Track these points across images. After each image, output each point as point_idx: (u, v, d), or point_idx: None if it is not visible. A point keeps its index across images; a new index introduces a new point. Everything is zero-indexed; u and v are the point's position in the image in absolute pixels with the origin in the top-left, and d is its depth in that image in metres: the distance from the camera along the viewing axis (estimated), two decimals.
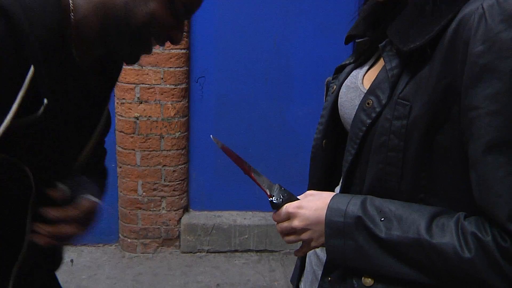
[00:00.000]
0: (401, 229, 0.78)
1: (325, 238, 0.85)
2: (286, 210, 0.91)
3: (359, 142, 0.86)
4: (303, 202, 0.90)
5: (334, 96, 1.01)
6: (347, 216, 0.83)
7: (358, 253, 0.82)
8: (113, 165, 3.00)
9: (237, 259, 3.04)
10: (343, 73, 1.03)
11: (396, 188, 0.83)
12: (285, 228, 0.92)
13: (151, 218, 3.00)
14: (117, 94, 2.82)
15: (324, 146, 1.05)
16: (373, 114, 0.84)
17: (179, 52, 2.76)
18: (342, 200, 0.85)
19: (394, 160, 0.81)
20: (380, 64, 0.92)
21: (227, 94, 2.94)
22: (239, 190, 3.06)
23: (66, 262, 2.92)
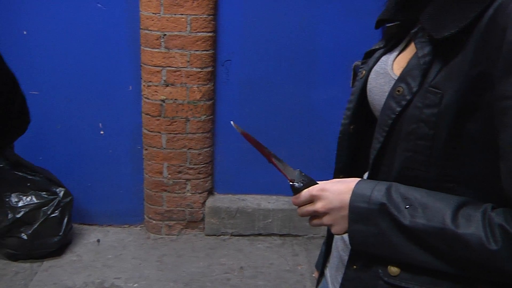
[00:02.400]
0: (426, 218, 0.77)
1: (348, 223, 0.85)
2: (309, 193, 0.90)
3: (388, 130, 0.85)
4: (327, 185, 0.90)
5: (363, 82, 1.00)
6: (371, 202, 0.82)
7: (380, 239, 0.81)
8: (139, 147, 3.03)
9: (260, 242, 3.05)
10: (372, 58, 1.01)
11: (424, 177, 0.82)
12: (307, 211, 0.92)
13: (176, 200, 3.03)
14: (144, 76, 2.84)
15: (351, 131, 1.04)
16: (403, 102, 0.82)
17: (206, 35, 2.75)
18: (366, 186, 0.85)
19: (423, 148, 0.80)
20: (410, 50, 0.90)
21: (252, 78, 2.93)
22: (264, 174, 3.06)
23: (93, 242, 2.99)
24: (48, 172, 2.89)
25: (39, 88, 2.92)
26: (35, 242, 2.74)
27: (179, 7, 2.67)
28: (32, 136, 2.95)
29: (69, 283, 2.61)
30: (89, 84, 2.92)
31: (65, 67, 2.89)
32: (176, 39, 2.73)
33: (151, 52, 2.76)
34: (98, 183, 3.09)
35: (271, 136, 2.92)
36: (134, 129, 2.99)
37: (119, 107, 2.96)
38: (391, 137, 0.86)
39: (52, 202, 2.79)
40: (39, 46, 2.84)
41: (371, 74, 0.97)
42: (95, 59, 2.87)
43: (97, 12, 2.79)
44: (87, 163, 3.06)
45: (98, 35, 2.84)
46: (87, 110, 2.96)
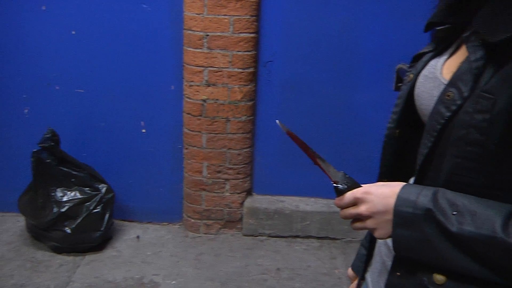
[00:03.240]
0: (475, 225, 0.75)
1: (392, 227, 0.84)
2: (353, 195, 0.90)
3: (436, 135, 0.84)
4: (371, 188, 0.89)
5: (410, 86, 0.98)
6: (417, 207, 0.81)
7: (425, 245, 0.80)
8: (179, 146, 3.06)
9: (298, 244, 3.04)
10: (420, 62, 0.99)
11: (472, 183, 0.80)
12: (350, 213, 0.91)
13: (215, 199, 3.05)
14: (186, 76, 2.87)
15: (397, 135, 1.03)
16: (453, 107, 0.81)
17: (248, 36, 2.76)
18: (412, 190, 0.83)
19: (473, 154, 0.78)
20: (461, 54, 0.88)
21: (294, 79, 2.92)
22: (303, 176, 3.05)
23: (132, 238, 3.04)
24: (92, 169, 2.96)
25: (84, 86, 2.99)
26: (78, 236, 2.81)
27: (222, 7, 2.69)
28: (77, 133, 3.04)
29: (109, 277, 2.67)
30: (133, 83, 2.97)
31: (110, 66, 2.95)
32: (219, 39, 2.75)
33: (193, 52, 2.79)
34: (139, 180, 3.15)
35: (312, 138, 2.85)
36: (175, 128, 3.03)
37: (161, 106, 3.00)
38: (439, 142, 0.84)
39: (94, 198, 2.86)
40: (86, 45, 2.92)
41: (419, 78, 0.96)
42: (138, 59, 2.93)
43: (142, 12, 2.84)
44: (129, 160, 3.12)
45: (142, 35, 2.89)
46: (130, 108, 3.01)
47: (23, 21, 2.89)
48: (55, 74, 2.98)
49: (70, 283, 2.60)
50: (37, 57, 2.95)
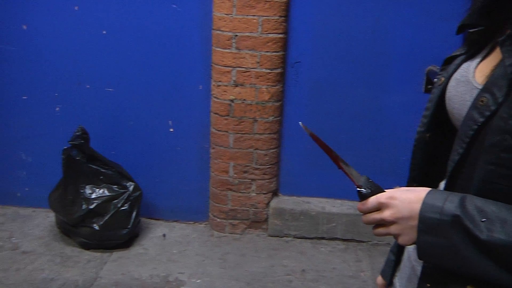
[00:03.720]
0: (505, 233, 0.73)
1: (417, 234, 0.82)
2: (377, 200, 0.88)
3: (469, 141, 0.82)
4: (396, 193, 0.87)
5: (441, 89, 0.97)
6: (444, 213, 0.79)
7: (451, 252, 0.78)
8: (206, 146, 3.08)
9: (323, 246, 3.03)
10: (452, 65, 0.97)
11: (505, 191, 0.78)
12: (373, 219, 0.89)
13: (241, 199, 3.05)
14: (214, 76, 2.88)
15: (427, 139, 1.01)
16: (486, 113, 0.79)
17: (277, 37, 2.76)
18: (438, 196, 0.81)
19: (508, 161, 0.76)
20: (494, 58, 0.86)
21: (322, 80, 2.91)
22: (330, 178, 3.03)
23: (159, 236, 3.07)
24: (120, 167, 3.00)
25: (114, 85, 3.03)
26: (105, 232, 2.85)
27: (251, 8, 2.69)
28: (106, 131, 3.08)
29: (135, 274, 2.70)
30: (161, 82, 3.00)
31: (139, 65, 2.98)
32: (247, 40, 2.75)
33: (222, 52, 2.80)
34: (166, 179, 3.18)
35: (338, 140, 2.89)
36: (202, 127, 3.05)
37: (189, 105, 3.02)
38: (472, 149, 0.82)
39: (122, 196, 2.89)
40: (116, 45, 2.96)
41: (450, 82, 0.94)
42: (167, 58, 2.95)
43: (172, 12, 2.86)
44: (156, 159, 3.15)
45: (171, 35, 2.91)
46: (158, 107, 3.04)
47: (56, 21, 2.94)
48: (86, 73, 3.03)
49: (97, 279, 2.64)
50: (68, 56, 3.00)
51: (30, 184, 3.29)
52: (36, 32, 2.97)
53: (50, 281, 2.60)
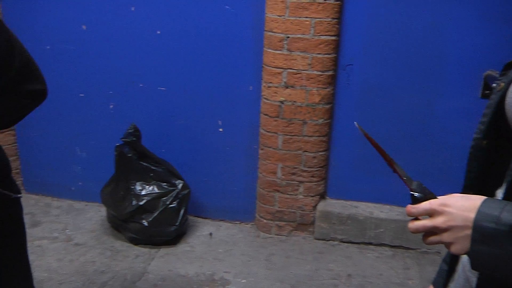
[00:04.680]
0: None
1: (471, 243, 0.79)
2: (430, 207, 0.85)
3: None
4: (450, 200, 0.84)
5: (501, 95, 0.93)
6: (501, 223, 0.76)
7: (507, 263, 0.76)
8: (255, 147, 3.09)
9: (370, 252, 2.98)
10: None
11: None
12: (424, 226, 0.86)
13: (288, 201, 3.05)
14: (265, 77, 2.89)
15: (484, 147, 0.97)
16: None
17: (329, 39, 2.74)
18: (495, 205, 0.79)
19: None
20: None
21: (374, 83, 2.87)
22: (378, 182, 2.99)
23: (205, 235, 3.10)
24: (169, 164, 3.05)
25: (166, 84, 3.09)
26: (154, 229, 2.90)
27: (304, 10, 2.69)
28: (157, 129, 3.14)
29: (182, 271, 2.74)
30: (212, 82, 3.03)
31: (191, 65, 3.03)
32: (299, 41, 2.74)
33: (273, 53, 2.81)
34: (214, 178, 3.21)
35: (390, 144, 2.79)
36: (251, 128, 3.06)
37: (239, 106, 3.04)
38: None
39: (171, 193, 2.94)
40: (170, 45, 3.01)
41: (510, 88, 0.91)
42: (219, 58, 2.98)
43: (225, 13, 2.89)
44: (205, 158, 3.19)
45: (223, 36, 2.94)
46: (209, 107, 3.08)
47: (113, 21, 3.03)
48: (140, 72, 3.10)
49: (145, 274, 2.69)
50: (124, 56, 3.08)
51: (84, 179, 3.39)
52: (94, 32, 3.07)
53: (101, 273, 2.68)
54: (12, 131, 3.35)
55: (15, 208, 1.48)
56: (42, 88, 1.43)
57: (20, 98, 1.38)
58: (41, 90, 1.43)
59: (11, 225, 1.48)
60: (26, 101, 1.40)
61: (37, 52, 3.18)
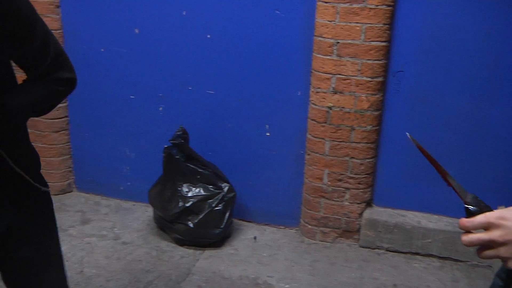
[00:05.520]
0: None
1: None
2: (486, 220, 0.83)
3: None
4: (507, 213, 0.82)
5: None
6: None
7: None
8: (301, 152, 3.08)
9: (417, 262, 2.92)
10: None
11: None
12: (479, 239, 0.84)
13: (333, 208, 3.02)
14: (313, 83, 2.88)
15: None
16: None
17: (380, 45, 2.70)
18: None
19: None
20: None
21: (425, 91, 2.81)
22: (427, 192, 2.93)
23: (250, 238, 3.11)
24: (216, 167, 3.07)
25: (215, 88, 3.12)
26: (199, 231, 2.93)
27: (354, 15, 2.66)
28: (204, 132, 3.18)
29: (226, 274, 2.76)
30: (261, 86, 3.04)
31: (240, 69, 3.05)
32: (349, 47, 2.72)
33: (322, 59, 2.80)
34: (260, 182, 3.22)
35: (441, 153, 2.76)
36: (298, 133, 3.06)
37: (287, 111, 3.04)
38: None
39: (217, 196, 2.97)
40: (219, 49, 3.04)
41: None
42: (268, 63, 2.99)
43: (275, 18, 2.90)
44: (251, 162, 3.20)
45: (273, 41, 2.95)
46: (256, 111, 3.09)
47: (165, 25, 3.09)
48: (189, 75, 3.14)
49: (189, 275, 2.72)
50: (174, 59, 3.14)
51: (132, 179, 3.47)
52: (146, 36, 3.14)
53: (146, 272, 2.73)
54: (66, 130, 3.47)
55: (46, 201, 1.58)
56: (74, 77, 1.54)
57: (55, 85, 1.47)
58: (73, 79, 1.53)
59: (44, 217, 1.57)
60: (61, 89, 1.50)
61: (92, 54, 3.32)
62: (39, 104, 1.45)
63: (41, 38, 1.38)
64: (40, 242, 1.54)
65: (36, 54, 1.39)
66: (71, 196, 3.57)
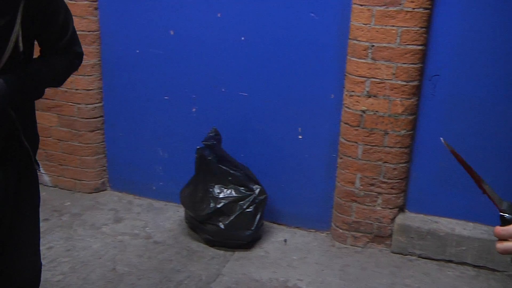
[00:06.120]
0: None
1: None
2: None
3: None
4: None
5: None
6: None
7: None
8: (334, 155, 3.06)
9: (450, 270, 2.86)
10: None
11: None
12: None
13: (365, 212, 2.99)
14: (347, 86, 2.86)
15: None
16: None
17: (415, 48, 2.67)
18: None
19: None
20: None
21: (462, 95, 2.75)
22: (462, 198, 2.87)
23: (280, 241, 3.11)
24: (248, 169, 3.08)
25: (248, 90, 3.13)
26: (230, 232, 2.94)
27: (390, 18, 2.63)
28: (237, 134, 3.19)
29: (255, 276, 2.76)
30: (293, 89, 3.04)
31: (273, 71, 3.05)
32: (384, 50, 2.69)
33: (357, 62, 2.78)
34: (291, 185, 3.21)
35: (478, 160, 2.69)
36: (331, 137, 3.04)
37: (319, 114, 3.03)
38: None
39: (248, 198, 2.97)
40: (253, 51, 3.05)
41: None
42: (301, 66, 2.99)
43: (310, 21, 2.89)
44: (283, 164, 3.19)
45: (307, 43, 2.94)
46: (289, 113, 3.09)
47: (200, 27, 3.11)
48: (223, 77, 3.16)
49: (219, 276, 2.73)
50: (208, 60, 3.16)
51: (165, 179, 3.50)
52: (181, 38, 3.17)
53: (177, 272, 2.75)
54: (101, 130, 3.53)
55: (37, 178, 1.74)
56: (83, 52, 1.71)
57: (71, 58, 1.65)
58: (83, 54, 1.71)
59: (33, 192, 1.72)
60: (77, 61, 1.68)
61: (127, 55, 3.36)
62: (61, 74, 1.63)
63: (64, 15, 1.55)
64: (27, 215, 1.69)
65: (59, 30, 1.56)
66: (104, 195, 3.63)
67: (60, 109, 3.47)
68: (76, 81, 3.36)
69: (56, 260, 2.82)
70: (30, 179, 1.69)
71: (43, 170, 3.66)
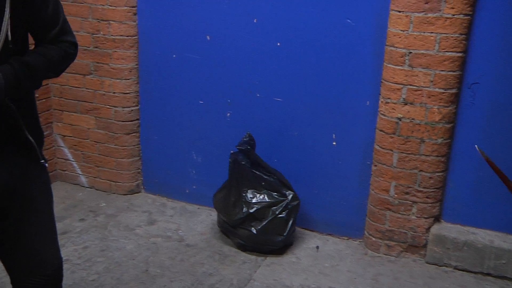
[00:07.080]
0: None
1: None
2: None
3: None
4: None
5: None
6: None
7: None
8: (368, 163, 3.03)
9: (489, 283, 2.79)
10: None
11: None
12: None
13: (399, 221, 2.94)
14: (383, 93, 2.83)
15: None
16: None
17: (454, 55, 2.62)
18: None
19: None
20: None
21: (502, 104, 2.68)
22: (502, 209, 2.79)
23: (312, 248, 3.09)
24: (281, 175, 3.08)
25: (283, 95, 3.13)
26: (262, 237, 2.94)
27: (429, 25, 2.59)
28: (271, 139, 3.19)
29: (287, 282, 2.74)
30: (328, 95, 3.02)
31: (308, 77, 3.04)
32: (422, 57, 2.65)
33: (393, 69, 2.74)
34: (324, 191, 3.18)
35: None
36: (366, 144, 3.01)
37: (354, 120, 3.00)
38: None
39: (281, 203, 2.96)
40: (289, 57, 3.05)
41: None
42: (337, 72, 2.97)
43: (346, 27, 2.88)
44: (316, 171, 3.17)
45: (342, 49, 2.92)
46: (323, 120, 3.07)
47: (236, 32, 3.13)
48: (258, 82, 3.17)
49: (251, 281, 2.73)
50: (243, 66, 3.17)
51: (198, 183, 3.53)
52: (217, 43, 3.20)
53: (209, 275, 2.76)
54: (136, 133, 3.59)
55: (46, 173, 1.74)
56: (77, 42, 1.72)
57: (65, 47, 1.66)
58: (77, 44, 1.72)
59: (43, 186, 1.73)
60: (71, 51, 1.69)
61: (164, 60, 3.42)
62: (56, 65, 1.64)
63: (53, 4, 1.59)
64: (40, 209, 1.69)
65: (50, 19, 1.59)
66: (139, 197, 3.68)
67: (97, 111, 3.54)
68: (114, 84, 3.43)
69: (91, 259, 2.87)
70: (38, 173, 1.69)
71: (80, 171, 3.74)
